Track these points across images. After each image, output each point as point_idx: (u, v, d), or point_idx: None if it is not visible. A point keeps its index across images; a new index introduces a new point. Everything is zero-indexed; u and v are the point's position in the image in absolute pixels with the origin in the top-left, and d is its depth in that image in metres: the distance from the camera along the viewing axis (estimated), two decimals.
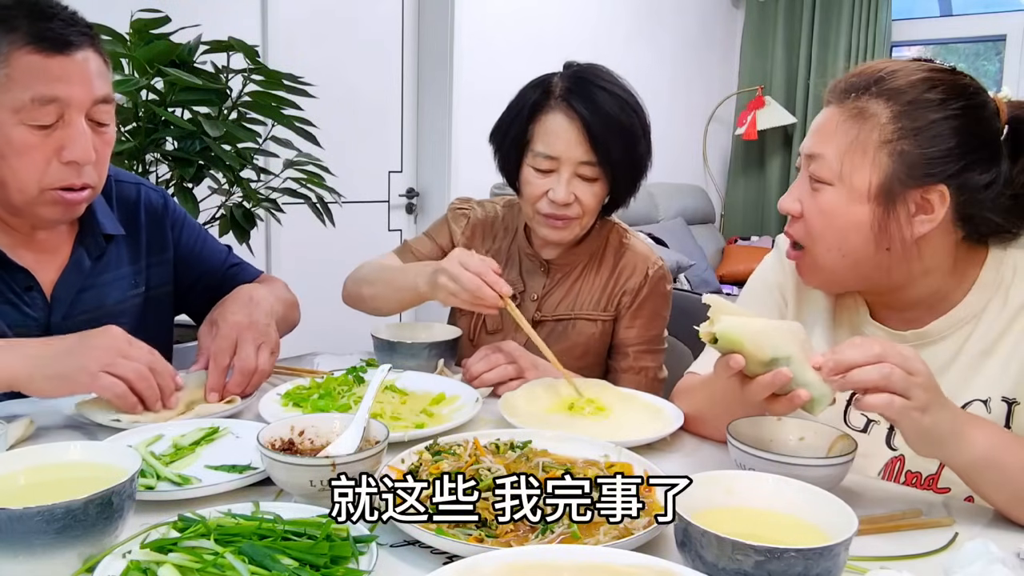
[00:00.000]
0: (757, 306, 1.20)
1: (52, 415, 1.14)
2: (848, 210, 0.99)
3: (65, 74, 1.12)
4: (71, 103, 1.13)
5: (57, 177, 1.15)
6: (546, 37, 3.91)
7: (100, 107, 1.17)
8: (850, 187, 0.99)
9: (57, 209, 1.19)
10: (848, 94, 1.01)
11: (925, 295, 1.05)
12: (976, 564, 0.70)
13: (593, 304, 1.52)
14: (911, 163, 0.96)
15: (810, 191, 1.03)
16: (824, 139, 1.01)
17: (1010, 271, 1.03)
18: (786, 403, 0.89)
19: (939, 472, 1.04)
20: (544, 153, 1.39)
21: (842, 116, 1.00)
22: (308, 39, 3.27)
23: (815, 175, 1.01)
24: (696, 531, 0.69)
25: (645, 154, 1.43)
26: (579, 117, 1.35)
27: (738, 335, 0.88)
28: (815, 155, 1.01)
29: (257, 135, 2.30)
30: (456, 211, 1.63)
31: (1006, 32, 4.66)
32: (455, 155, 3.68)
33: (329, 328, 2.42)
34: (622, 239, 1.55)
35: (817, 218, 1.02)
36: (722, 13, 5.31)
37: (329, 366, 1.44)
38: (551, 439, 1.02)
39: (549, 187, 1.39)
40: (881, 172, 0.97)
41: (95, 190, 1.22)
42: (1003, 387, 1.01)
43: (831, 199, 1.00)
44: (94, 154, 1.16)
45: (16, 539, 0.66)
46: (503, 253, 1.58)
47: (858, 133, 0.98)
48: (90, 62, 1.16)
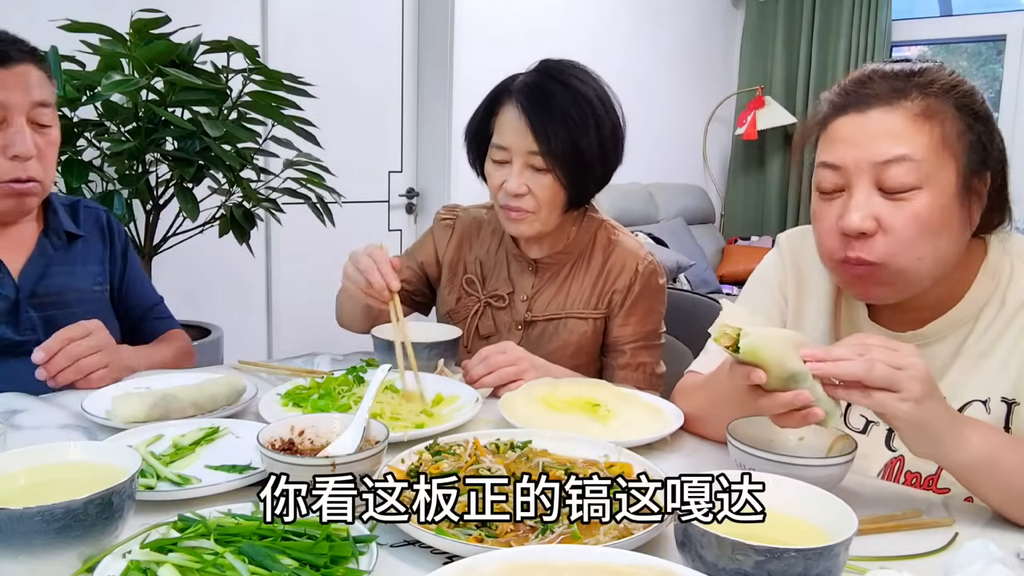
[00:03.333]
0: (758, 305, 1.20)
1: (52, 415, 1.14)
2: (944, 209, 0.95)
3: (4, 83, 1.31)
4: (10, 106, 1.32)
5: (4, 171, 1.34)
6: (546, 37, 3.91)
7: (39, 110, 1.36)
8: (941, 184, 0.95)
9: (10, 201, 1.37)
10: (899, 95, 0.96)
11: (938, 293, 1.04)
12: (976, 564, 0.70)
13: (583, 302, 1.52)
14: (979, 151, 0.97)
15: (887, 201, 0.95)
16: (901, 142, 0.94)
17: (1007, 272, 1.03)
18: (799, 419, 0.87)
19: (938, 473, 1.04)
20: (497, 144, 1.43)
21: (910, 115, 0.95)
22: (308, 39, 3.27)
23: (899, 182, 0.94)
24: (696, 531, 0.69)
25: (596, 148, 1.41)
26: (524, 109, 1.38)
27: (763, 352, 0.86)
28: (895, 160, 0.94)
29: (257, 135, 2.30)
30: (441, 222, 1.65)
31: (1006, 32, 4.66)
32: (455, 155, 3.68)
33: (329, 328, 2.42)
34: (610, 236, 1.55)
35: (909, 226, 0.94)
36: (722, 13, 5.31)
37: (329, 366, 1.44)
38: (551, 439, 1.02)
39: (504, 178, 1.42)
40: (961, 164, 0.96)
41: (42, 184, 1.40)
42: (1002, 388, 1.01)
43: (926, 201, 0.94)
44: (35, 149, 1.35)
45: (16, 539, 0.66)
46: (491, 256, 1.59)
47: (941, 129, 0.95)
48: (30, 74, 1.35)
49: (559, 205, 1.44)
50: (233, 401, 1.18)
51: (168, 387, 1.16)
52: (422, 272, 1.63)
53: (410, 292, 1.62)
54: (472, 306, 1.57)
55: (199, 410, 1.14)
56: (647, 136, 4.50)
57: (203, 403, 1.15)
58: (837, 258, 1.00)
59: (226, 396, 1.18)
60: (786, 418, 0.89)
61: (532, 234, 1.47)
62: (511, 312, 1.55)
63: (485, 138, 1.48)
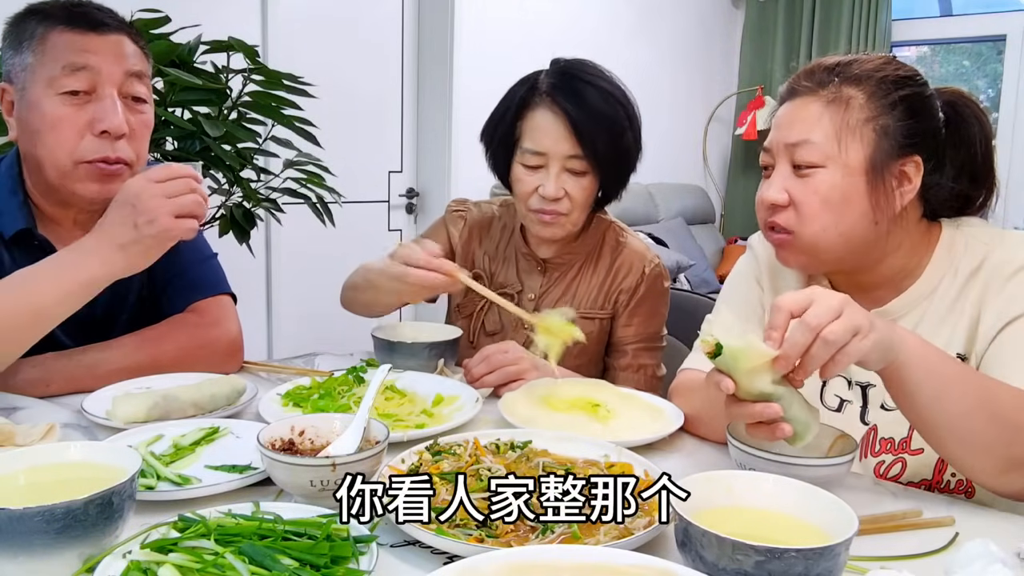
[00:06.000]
0: (737, 297, 1.28)
1: (52, 415, 1.14)
2: (845, 187, 1.05)
3: (96, 47, 1.17)
4: (101, 72, 1.17)
5: (90, 149, 1.17)
6: (546, 38, 3.91)
7: (133, 81, 1.20)
8: (844, 165, 1.05)
9: (92, 186, 1.20)
10: (819, 85, 1.08)
11: (890, 273, 1.12)
12: (976, 564, 0.70)
13: (590, 302, 1.52)
14: (892, 135, 1.05)
15: (796, 178, 1.07)
16: (809, 126, 1.06)
17: (961, 246, 1.10)
18: (768, 432, 0.88)
19: (910, 435, 1.09)
20: (532, 149, 1.40)
21: (821, 102, 1.06)
22: (308, 39, 3.27)
23: (804, 161, 1.06)
24: (696, 531, 0.69)
25: (632, 145, 1.44)
26: (564, 112, 1.37)
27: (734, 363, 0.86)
28: (801, 142, 1.06)
29: (257, 135, 2.30)
30: (453, 213, 1.63)
31: (1006, 32, 4.66)
32: (455, 155, 3.68)
33: (329, 328, 2.43)
34: (618, 237, 1.55)
35: (811, 200, 1.06)
36: (722, 13, 5.31)
37: (329, 366, 1.44)
38: (551, 439, 1.02)
39: (539, 183, 1.41)
40: (870, 147, 1.05)
41: (132, 168, 1.21)
42: (955, 346, 1.07)
43: (826, 179, 1.05)
44: (126, 127, 1.18)
45: (16, 539, 0.66)
46: (500, 253, 1.59)
47: (844, 114, 1.05)
48: (123, 43, 1.20)
49: (589, 206, 1.45)
50: (233, 401, 1.18)
51: (168, 387, 1.16)
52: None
53: None
54: (479, 301, 1.57)
55: (199, 410, 1.14)
56: (647, 136, 4.45)
57: (203, 403, 1.15)
58: (763, 225, 1.14)
59: (226, 396, 1.17)
60: (756, 429, 0.90)
61: (563, 236, 1.47)
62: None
63: (511, 142, 1.45)
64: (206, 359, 1.30)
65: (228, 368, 1.33)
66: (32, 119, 1.19)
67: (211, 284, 1.40)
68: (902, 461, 1.09)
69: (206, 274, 1.41)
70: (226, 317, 1.38)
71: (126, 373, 1.23)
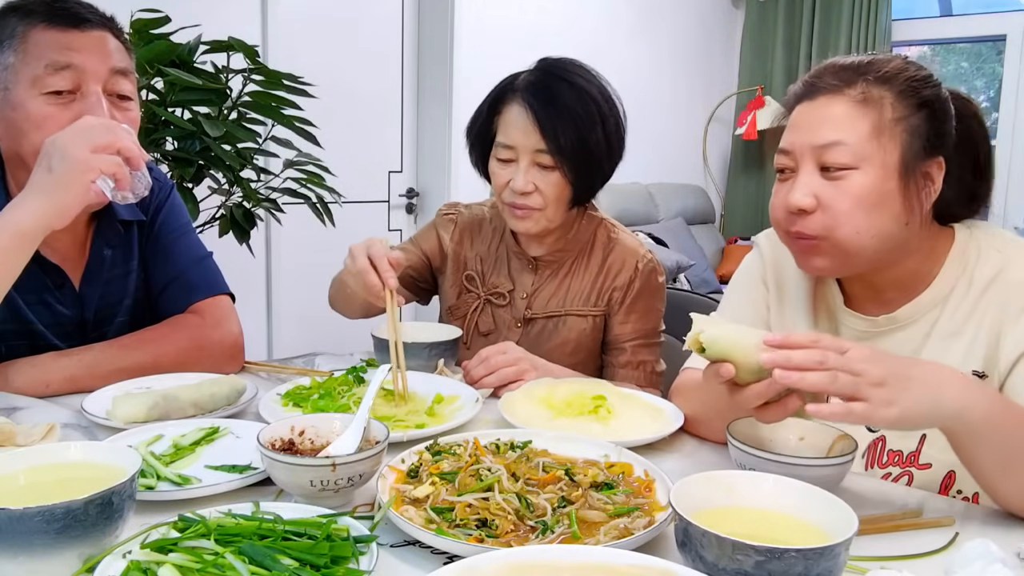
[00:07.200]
0: (743, 298, 1.26)
1: (52, 415, 1.14)
2: (880, 189, 1.01)
3: (80, 45, 1.14)
4: (85, 70, 1.15)
5: None
6: (546, 38, 3.91)
7: (118, 78, 1.18)
8: (881, 166, 1.01)
9: None
10: (845, 83, 1.04)
11: (904, 275, 1.09)
12: (976, 564, 0.70)
13: (583, 300, 1.52)
14: (923, 135, 1.02)
15: (825, 181, 1.03)
16: (840, 127, 1.02)
17: (974, 253, 1.08)
18: (778, 410, 0.88)
19: (919, 448, 1.07)
20: (503, 143, 1.43)
21: (849, 102, 1.03)
22: (308, 39, 3.27)
23: (835, 163, 1.02)
24: (696, 531, 0.69)
25: (603, 143, 1.42)
26: (530, 106, 1.39)
27: (727, 343, 0.87)
28: (833, 143, 1.02)
29: (257, 135, 2.30)
30: (443, 217, 1.65)
31: (1006, 32, 4.66)
32: (455, 155, 3.68)
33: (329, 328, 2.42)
34: (610, 234, 1.56)
35: (844, 203, 1.02)
36: (722, 13, 5.31)
37: (329, 366, 1.44)
38: (551, 439, 1.02)
39: (510, 176, 1.42)
40: (902, 147, 1.02)
41: None
42: (972, 363, 1.04)
43: (861, 181, 1.01)
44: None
45: (16, 539, 0.66)
46: (492, 253, 1.59)
47: (878, 114, 1.02)
48: (107, 40, 1.18)
49: (565, 202, 1.45)
50: (233, 401, 1.18)
51: (168, 387, 1.16)
52: (426, 259, 1.63)
53: (413, 277, 1.62)
54: (472, 303, 1.58)
55: (199, 410, 1.14)
56: (647, 136, 4.50)
57: (203, 403, 1.15)
58: (784, 232, 1.09)
59: (226, 396, 1.17)
60: (765, 411, 0.89)
61: (538, 231, 1.47)
62: (511, 309, 1.55)
63: (488, 138, 1.48)
64: (207, 360, 1.30)
65: (229, 369, 1.33)
66: (17, 119, 1.17)
67: (210, 284, 1.40)
68: (909, 475, 1.07)
69: (204, 275, 1.41)
70: (227, 318, 1.38)
71: (126, 373, 1.22)
